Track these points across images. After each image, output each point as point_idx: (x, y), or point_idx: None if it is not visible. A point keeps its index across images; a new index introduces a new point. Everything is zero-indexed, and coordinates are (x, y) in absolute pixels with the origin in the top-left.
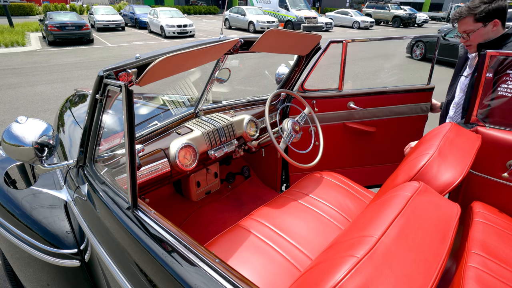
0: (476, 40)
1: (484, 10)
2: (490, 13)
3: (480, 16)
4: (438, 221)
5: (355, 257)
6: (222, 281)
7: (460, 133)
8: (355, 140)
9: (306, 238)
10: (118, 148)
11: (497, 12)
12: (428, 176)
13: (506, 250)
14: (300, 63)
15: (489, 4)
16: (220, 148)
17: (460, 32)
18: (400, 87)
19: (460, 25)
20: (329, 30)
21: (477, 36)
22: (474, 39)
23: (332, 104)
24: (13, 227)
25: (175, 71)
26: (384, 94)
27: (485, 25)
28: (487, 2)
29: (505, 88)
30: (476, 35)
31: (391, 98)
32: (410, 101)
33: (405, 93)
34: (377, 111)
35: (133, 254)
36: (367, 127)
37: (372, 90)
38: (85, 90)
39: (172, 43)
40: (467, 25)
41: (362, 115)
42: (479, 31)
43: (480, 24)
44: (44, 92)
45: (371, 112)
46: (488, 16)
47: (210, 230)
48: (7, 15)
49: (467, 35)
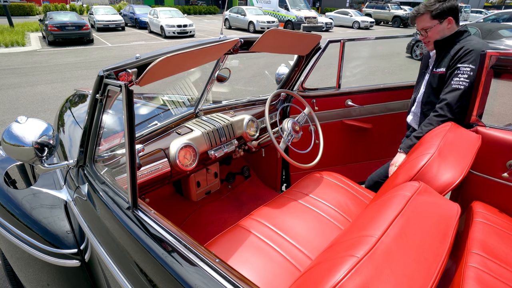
0: (433, 37)
1: (439, 8)
2: (445, 11)
3: (436, 13)
4: (438, 221)
5: (355, 257)
6: (222, 281)
7: (460, 133)
8: (353, 137)
9: (306, 238)
10: (118, 148)
11: (451, 10)
12: (428, 176)
13: (506, 250)
14: (300, 63)
15: (443, 2)
16: (220, 148)
17: (419, 29)
18: (395, 84)
19: (418, 23)
20: (329, 30)
21: (434, 33)
22: (431, 35)
23: (330, 102)
24: (13, 227)
25: (175, 71)
26: (379, 91)
27: (440, 22)
28: (442, 0)
29: (457, 81)
30: (433, 31)
31: (386, 95)
32: (404, 97)
33: (399, 90)
34: (373, 108)
35: (133, 254)
36: (364, 123)
37: (369, 87)
38: (85, 90)
39: (172, 43)
40: (425, 22)
41: (359, 113)
42: (435, 28)
43: (436, 21)
44: (44, 92)
45: (367, 109)
46: (443, 13)
47: (210, 230)
48: (7, 15)
49: (425, 32)
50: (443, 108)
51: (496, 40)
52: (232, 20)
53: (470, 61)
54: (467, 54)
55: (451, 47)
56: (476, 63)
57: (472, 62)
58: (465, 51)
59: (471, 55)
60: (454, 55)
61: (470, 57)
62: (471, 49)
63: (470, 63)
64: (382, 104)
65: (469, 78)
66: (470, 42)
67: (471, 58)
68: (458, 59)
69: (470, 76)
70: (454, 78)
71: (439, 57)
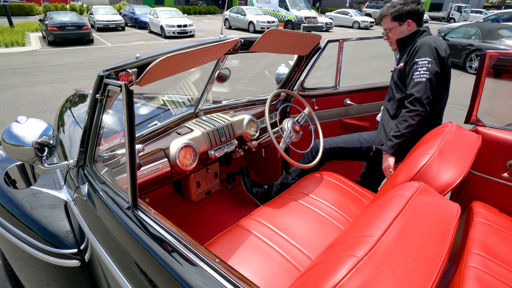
0: (394, 38)
1: (398, 10)
2: (404, 14)
3: (395, 15)
4: (438, 221)
5: (355, 256)
6: (222, 280)
7: (460, 133)
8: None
9: (306, 238)
10: (118, 148)
11: (410, 13)
12: (428, 176)
13: (506, 250)
14: (300, 63)
15: (404, 6)
16: (220, 148)
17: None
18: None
19: (383, 24)
20: (329, 30)
21: (395, 34)
22: (392, 36)
23: (329, 101)
24: (13, 227)
25: (175, 71)
26: (377, 90)
27: (400, 24)
28: (403, 4)
29: (418, 74)
30: (393, 33)
31: (384, 93)
32: None
33: None
34: (370, 106)
35: (133, 254)
36: (362, 122)
37: (366, 86)
38: (85, 90)
39: (172, 43)
40: (386, 23)
41: (357, 111)
42: (395, 29)
43: (396, 23)
44: (44, 92)
45: (365, 107)
46: (402, 16)
47: (210, 230)
48: (7, 15)
49: (387, 33)
50: (412, 103)
51: (496, 40)
52: (232, 20)
53: (424, 54)
54: (420, 48)
55: (410, 45)
56: (430, 55)
57: (427, 55)
58: (418, 45)
59: (423, 48)
60: (410, 50)
61: (423, 50)
62: (422, 43)
63: (426, 56)
64: (380, 103)
65: (428, 70)
66: (424, 38)
67: (424, 51)
68: (414, 54)
69: (429, 68)
70: (414, 72)
71: (401, 55)
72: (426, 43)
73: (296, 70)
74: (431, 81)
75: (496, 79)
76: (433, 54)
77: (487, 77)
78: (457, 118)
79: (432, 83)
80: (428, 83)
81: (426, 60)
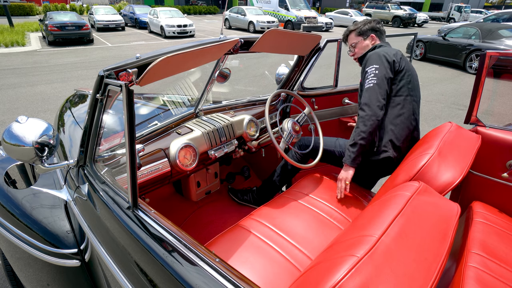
0: (359, 52)
1: (361, 27)
2: (368, 30)
3: (359, 31)
4: (438, 221)
5: (355, 256)
6: (223, 280)
7: (460, 133)
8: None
9: (306, 238)
10: (119, 148)
11: (373, 29)
12: (428, 176)
13: (506, 250)
14: (300, 63)
15: (366, 24)
16: (220, 148)
17: (349, 46)
18: None
19: (348, 41)
20: (329, 30)
21: (360, 48)
22: (357, 51)
23: (328, 101)
24: (13, 227)
25: (176, 71)
26: None
27: (364, 38)
28: (366, 23)
29: (368, 82)
30: (359, 47)
31: None
32: None
33: None
34: None
35: (134, 253)
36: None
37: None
38: (85, 90)
39: (172, 43)
40: (352, 39)
41: (355, 110)
42: (360, 43)
43: (361, 38)
44: (44, 92)
45: None
46: (366, 31)
47: (210, 230)
48: (7, 15)
49: (353, 48)
50: (362, 109)
51: (496, 40)
52: (232, 20)
53: (372, 63)
54: (368, 58)
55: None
56: (378, 62)
57: (374, 63)
58: (367, 57)
59: (371, 57)
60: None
61: (370, 59)
62: (371, 53)
63: (373, 64)
64: None
65: (376, 76)
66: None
67: (371, 59)
68: (364, 65)
69: (376, 74)
70: (365, 81)
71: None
72: (374, 53)
73: (296, 70)
74: (379, 85)
75: (496, 79)
76: (380, 60)
77: (487, 77)
78: (457, 118)
79: (381, 86)
80: (377, 87)
81: (374, 67)
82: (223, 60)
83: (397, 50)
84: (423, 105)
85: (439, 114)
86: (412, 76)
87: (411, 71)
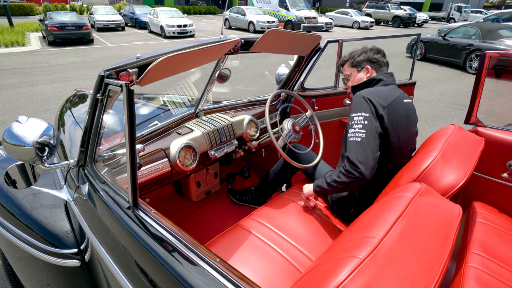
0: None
1: (356, 58)
2: (362, 61)
3: (354, 62)
4: (440, 222)
5: (357, 258)
6: (223, 280)
7: (463, 135)
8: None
9: (306, 238)
10: (119, 148)
11: (369, 60)
12: (431, 178)
13: (505, 250)
14: (300, 64)
15: (361, 54)
16: (220, 148)
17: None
18: None
19: (343, 71)
20: (329, 30)
21: (353, 81)
22: (350, 84)
23: (329, 101)
24: (13, 227)
25: (176, 71)
26: None
27: (358, 70)
28: (362, 53)
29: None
30: (352, 80)
31: None
32: None
33: None
34: None
35: (134, 253)
36: None
37: None
38: (85, 90)
39: (172, 43)
40: (346, 70)
41: None
42: (354, 75)
43: (354, 69)
44: (44, 92)
45: None
46: (360, 63)
47: (210, 230)
48: (7, 15)
49: (346, 80)
50: (345, 162)
51: (496, 40)
52: (232, 20)
53: (358, 109)
54: (356, 101)
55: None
56: (365, 109)
57: (363, 110)
58: (355, 98)
59: (359, 101)
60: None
61: (358, 104)
62: (356, 96)
63: (359, 111)
64: None
65: (364, 128)
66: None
67: (360, 104)
68: (352, 108)
69: (365, 125)
70: (350, 129)
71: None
72: (359, 95)
73: (296, 70)
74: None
75: (496, 79)
76: (369, 108)
77: (487, 77)
78: (457, 118)
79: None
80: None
81: (362, 116)
82: (224, 60)
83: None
84: (423, 105)
85: (439, 114)
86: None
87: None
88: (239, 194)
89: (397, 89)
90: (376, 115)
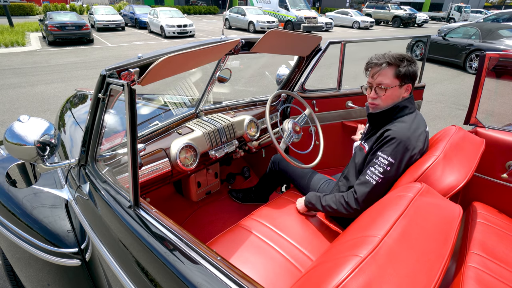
0: (386, 101)
1: (407, 67)
2: (410, 75)
3: (402, 72)
4: (440, 222)
5: (358, 256)
6: (225, 279)
7: (464, 136)
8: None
9: (306, 238)
10: (120, 147)
11: (414, 76)
12: (432, 179)
13: (505, 250)
14: (300, 64)
15: (411, 64)
16: (221, 148)
17: (374, 84)
18: None
19: (378, 75)
20: (329, 30)
21: (388, 97)
22: (384, 99)
23: (331, 103)
24: (14, 226)
25: (177, 71)
26: None
27: (401, 85)
28: (411, 62)
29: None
30: (389, 94)
31: None
32: None
33: None
34: None
35: (135, 252)
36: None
37: None
38: (85, 90)
39: (172, 43)
40: (386, 77)
41: (360, 114)
42: (394, 89)
43: (398, 82)
44: (44, 92)
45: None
46: (407, 77)
47: (210, 230)
48: (7, 15)
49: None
50: (348, 195)
51: (496, 40)
52: (232, 20)
53: (389, 152)
54: (388, 142)
55: (383, 124)
56: (396, 156)
57: (392, 155)
58: (387, 137)
59: (393, 144)
60: (378, 137)
61: (391, 147)
62: (393, 136)
63: (390, 155)
64: None
65: (384, 174)
66: (399, 126)
67: (391, 148)
68: (380, 145)
69: (386, 171)
70: (370, 167)
71: (370, 129)
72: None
73: (297, 71)
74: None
75: (496, 79)
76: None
77: (486, 77)
78: (457, 118)
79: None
80: (377, 188)
81: (388, 161)
82: (224, 60)
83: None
84: (423, 105)
85: (439, 114)
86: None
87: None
88: (239, 193)
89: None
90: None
